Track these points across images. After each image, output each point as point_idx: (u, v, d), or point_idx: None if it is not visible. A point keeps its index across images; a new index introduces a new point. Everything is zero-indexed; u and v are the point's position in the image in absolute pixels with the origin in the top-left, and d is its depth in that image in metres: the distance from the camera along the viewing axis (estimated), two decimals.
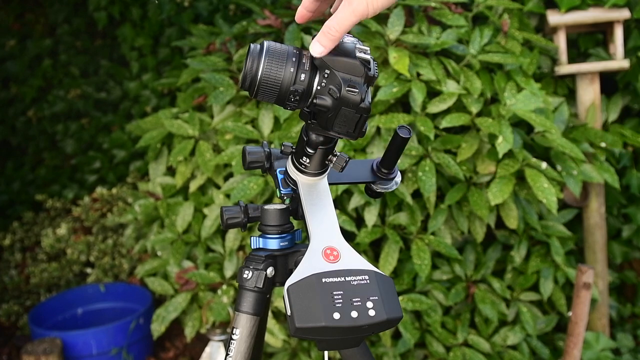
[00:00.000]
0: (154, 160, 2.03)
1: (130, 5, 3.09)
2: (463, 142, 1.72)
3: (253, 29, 1.99)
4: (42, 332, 2.22)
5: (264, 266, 0.89)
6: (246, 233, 1.81)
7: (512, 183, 1.68)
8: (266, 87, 0.75)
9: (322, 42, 0.71)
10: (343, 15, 0.70)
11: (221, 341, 1.85)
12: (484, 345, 1.82)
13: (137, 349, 2.34)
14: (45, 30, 3.49)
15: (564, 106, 1.92)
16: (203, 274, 1.81)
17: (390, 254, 1.74)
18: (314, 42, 0.72)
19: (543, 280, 1.87)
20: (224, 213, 0.92)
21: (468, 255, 1.89)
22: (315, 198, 0.83)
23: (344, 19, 0.70)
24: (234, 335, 0.89)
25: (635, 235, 2.17)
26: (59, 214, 3.03)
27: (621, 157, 2.10)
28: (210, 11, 2.96)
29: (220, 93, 1.83)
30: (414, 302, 1.75)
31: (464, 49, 1.83)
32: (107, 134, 3.28)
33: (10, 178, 3.48)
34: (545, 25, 2.08)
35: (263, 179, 1.71)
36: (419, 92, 1.70)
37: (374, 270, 0.74)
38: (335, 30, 0.71)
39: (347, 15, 0.70)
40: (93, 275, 2.58)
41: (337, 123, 0.75)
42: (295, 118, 1.76)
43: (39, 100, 3.42)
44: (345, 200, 1.76)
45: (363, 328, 0.71)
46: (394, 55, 1.70)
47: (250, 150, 0.93)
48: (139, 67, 3.19)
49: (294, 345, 1.85)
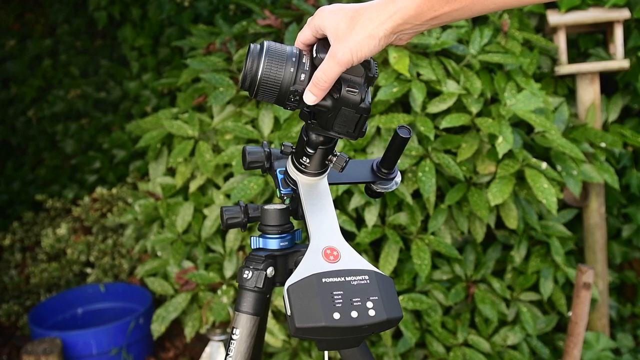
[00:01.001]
0: (154, 160, 2.03)
1: (130, 5, 3.09)
2: (463, 142, 1.72)
3: (253, 29, 1.99)
4: (42, 332, 2.22)
5: (264, 266, 0.89)
6: (246, 233, 1.81)
7: (512, 183, 1.68)
8: (266, 87, 0.75)
9: (313, 92, 0.74)
10: (328, 67, 0.72)
11: (221, 341, 1.85)
12: (484, 345, 1.82)
13: (137, 349, 2.34)
14: (45, 30, 3.49)
15: (564, 106, 1.92)
16: (203, 274, 1.81)
17: (390, 254, 1.74)
18: (306, 91, 0.74)
19: (543, 280, 1.87)
20: (224, 213, 0.92)
21: (468, 255, 1.89)
22: (315, 198, 0.83)
23: (330, 69, 0.72)
24: (234, 335, 0.89)
25: (635, 235, 2.17)
26: (59, 214, 3.03)
27: (621, 157, 2.09)
28: (210, 11, 2.96)
29: (220, 93, 1.83)
30: (414, 302, 1.75)
31: (464, 49, 1.83)
32: (107, 134, 3.28)
33: (10, 178, 3.48)
34: (545, 25, 2.08)
35: (263, 179, 1.71)
36: (419, 92, 1.70)
37: (374, 270, 0.74)
38: (323, 81, 0.73)
39: (332, 66, 0.72)
40: (93, 275, 2.58)
41: (337, 123, 0.75)
42: (295, 118, 1.76)
43: (39, 100, 3.42)
44: (345, 200, 1.76)
45: (363, 328, 0.71)
46: (394, 55, 1.71)
47: (250, 150, 0.93)
48: (139, 67, 3.19)
49: (294, 345, 1.85)
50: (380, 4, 0.70)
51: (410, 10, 0.69)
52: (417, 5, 0.68)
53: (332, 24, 0.72)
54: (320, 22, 0.74)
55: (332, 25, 0.72)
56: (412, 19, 0.69)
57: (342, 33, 0.71)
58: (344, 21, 0.71)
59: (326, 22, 0.73)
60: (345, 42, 0.71)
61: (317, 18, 0.75)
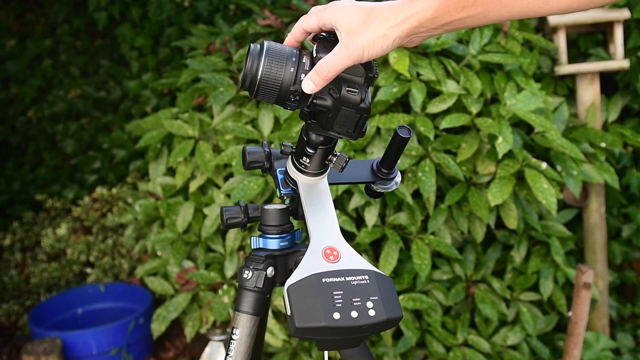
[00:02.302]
0: (154, 160, 2.03)
1: (130, 5, 3.09)
2: (463, 142, 1.72)
3: (253, 29, 1.99)
4: (42, 332, 2.22)
5: (264, 266, 0.89)
6: (246, 233, 1.81)
7: (512, 183, 1.68)
8: (266, 87, 0.75)
9: (314, 80, 0.72)
10: (337, 58, 0.71)
11: (221, 341, 1.85)
12: (484, 345, 1.82)
13: (137, 349, 2.34)
14: (45, 30, 3.49)
15: (564, 106, 1.92)
16: (203, 274, 1.81)
17: (390, 254, 1.74)
18: (306, 79, 0.73)
19: (543, 280, 1.87)
20: (224, 213, 0.92)
21: (468, 255, 1.89)
22: (315, 198, 0.83)
23: (338, 61, 0.71)
24: (234, 335, 0.89)
25: (635, 235, 2.17)
26: (59, 214, 3.03)
27: (621, 157, 2.09)
28: (210, 11, 2.96)
29: (220, 93, 1.83)
30: (415, 301, 1.75)
31: (464, 49, 1.83)
32: (107, 134, 3.28)
33: (10, 178, 3.48)
34: (545, 25, 2.08)
35: (263, 179, 1.71)
36: (418, 92, 1.70)
37: (374, 270, 0.74)
38: (327, 71, 0.71)
39: (341, 58, 0.71)
40: (93, 275, 2.58)
41: (337, 123, 0.75)
42: (295, 118, 1.76)
43: (39, 100, 3.42)
44: (345, 200, 1.76)
45: (363, 328, 0.71)
46: (394, 56, 1.71)
47: (250, 150, 0.93)
48: (139, 67, 3.19)
49: (294, 345, 1.85)
50: (397, 5, 0.70)
51: (427, 14, 0.68)
52: (435, 9, 0.68)
53: (345, 18, 0.72)
54: (331, 16, 0.73)
55: (346, 19, 0.71)
56: (428, 22, 0.69)
57: (357, 28, 0.70)
58: (359, 17, 0.71)
59: (338, 16, 0.72)
60: (359, 37, 0.70)
61: (328, 11, 0.74)
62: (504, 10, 0.68)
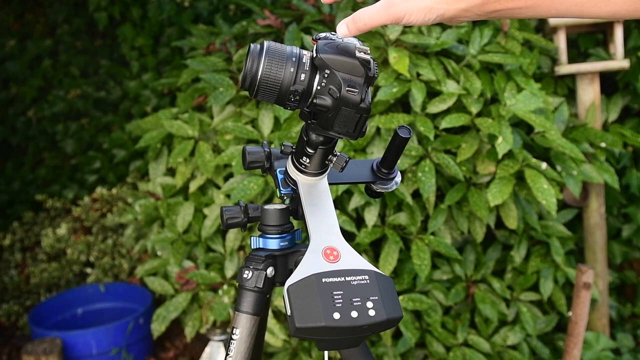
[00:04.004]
0: (154, 160, 2.03)
1: (130, 5, 3.09)
2: (463, 142, 1.72)
3: (253, 29, 1.99)
4: (42, 332, 2.22)
5: (264, 266, 0.89)
6: (246, 233, 1.81)
7: (511, 183, 1.68)
8: (266, 87, 0.75)
9: (349, 26, 0.72)
10: (377, 13, 0.70)
11: (221, 341, 1.86)
12: (484, 345, 1.82)
13: (137, 349, 2.34)
14: (45, 30, 3.49)
15: (564, 106, 1.92)
16: (204, 273, 1.81)
17: (390, 254, 1.74)
18: (342, 23, 0.72)
19: (543, 280, 1.87)
20: (224, 213, 0.92)
21: (468, 255, 1.89)
22: (315, 198, 0.83)
23: (377, 17, 0.70)
24: (234, 335, 0.89)
25: (635, 235, 2.17)
26: (59, 214, 3.03)
27: (621, 157, 2.10)
28: (210, 11, 2.96)
29: (220, 93, 1.83)
30: (414, 302, 1.75)
31: (464, 49, 1.83)
32: (107, 134, 3.28)
33: (10, 178, 3.48)
34: (545, 25, 2.08)
35: (263, 179, 1.71)
36: (418, 92, 1.70)
37: (374, 270, 0.74)
38: (363, 22, 0.71)
39: (381, 14, 0.70)
40: (93, 275, 2.58)
41: (337, 123, 0.75)
42: (295, 118, 1.76)
43: (39, 100, 3.42)
44: (345, 200, 1.76)
45: (363, 328, 0.70)
46: (394, 56, 1.71)
47: (250, 150, 0.93)
48: (139, 67, 3.19)
49: (294, 345, 1.85)
50: None
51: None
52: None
53: None
54: None
55: None
56: (476, 8, 0.69)
57: None
58: None
59: None
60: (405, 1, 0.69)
61: None
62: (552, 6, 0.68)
